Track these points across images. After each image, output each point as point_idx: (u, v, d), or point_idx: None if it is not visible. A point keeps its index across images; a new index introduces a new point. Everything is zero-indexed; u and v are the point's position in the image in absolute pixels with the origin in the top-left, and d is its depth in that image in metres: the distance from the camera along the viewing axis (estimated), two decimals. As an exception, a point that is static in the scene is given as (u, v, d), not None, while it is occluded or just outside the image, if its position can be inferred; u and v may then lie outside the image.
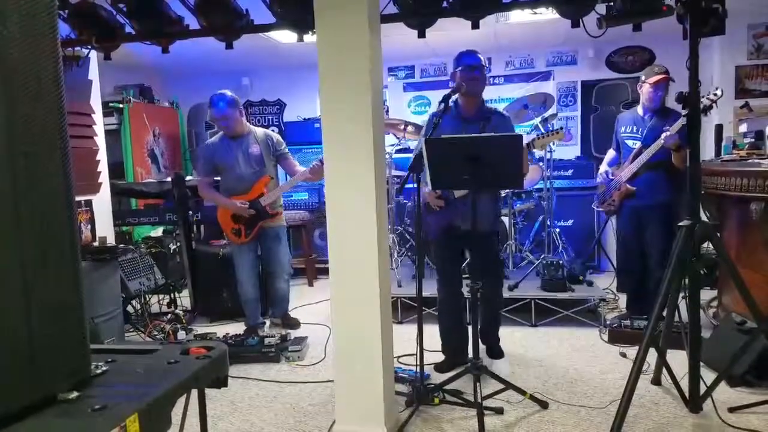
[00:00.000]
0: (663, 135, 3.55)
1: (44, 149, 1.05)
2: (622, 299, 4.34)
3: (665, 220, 3.79)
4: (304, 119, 6.71)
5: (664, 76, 3.75)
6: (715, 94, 3.42)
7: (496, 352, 3.53)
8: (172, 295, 4.75)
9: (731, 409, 2.67)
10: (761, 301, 2.68)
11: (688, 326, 2.62)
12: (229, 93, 3.94)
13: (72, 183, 1.11)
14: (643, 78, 3.86)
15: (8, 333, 0.96)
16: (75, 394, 1.06)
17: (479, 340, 2.81)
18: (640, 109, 3.93)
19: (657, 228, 3.80)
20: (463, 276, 3.51)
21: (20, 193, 0.99)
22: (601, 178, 4.14)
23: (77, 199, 4.28)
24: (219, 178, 4.13)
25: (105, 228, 4.66)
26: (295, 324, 4.33)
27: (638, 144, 3.83)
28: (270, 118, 7.17)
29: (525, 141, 3.23)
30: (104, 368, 1.19)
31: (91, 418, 0.97)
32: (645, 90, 3.82)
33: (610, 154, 4.21)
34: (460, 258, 3.49)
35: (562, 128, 3.31)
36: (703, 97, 3.38)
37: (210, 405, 2.93)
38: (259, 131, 4.12)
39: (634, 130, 3.91)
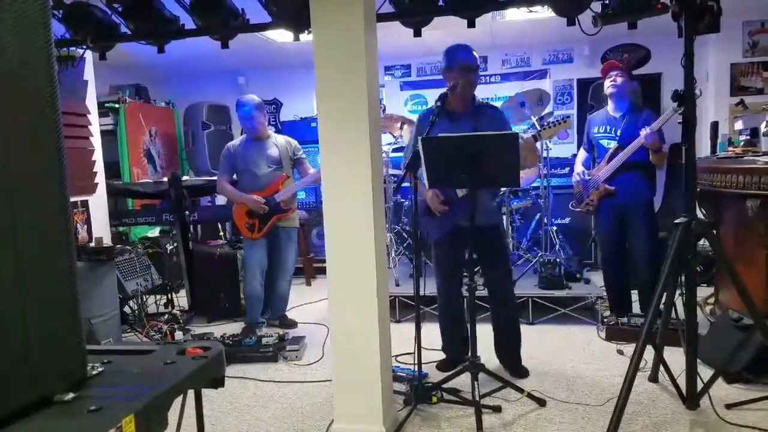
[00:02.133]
0: (642, 134, 3.56)
1: (38, 150, 1.05)
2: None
3: (646, 218, 3.83)
4: (301, 118, 6.71)
5: (611, 61, 3.85)
6: (695, 95, 3.43)
7: (520, 371, 3.25)
8: (169, 296, 4.74)
9: (728, 406, 2.68)
10: (758, 298, 2.69)
11: (685, 323, 2.63)
12: (255, 97, 4.20)
13: (67, 183, 1.11)
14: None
15: (3, 334, 0.96)
16: (71, 395, 1.05)
17: (477, 343, 2.78)
18: (611, 109, 3.94)
19: (639, 227, 3.81)
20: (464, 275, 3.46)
21: (14, 194, 0.98)
22: (577, 178, 4.11)
23: (73, 199, 4.30)
24: (236, 178, 4.28)
25: (101, 228, 4.65)
26: (292, 324, 4.34)
27: (613, 143, 3.84)
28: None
29: (530, 133, 3.18)
30: (100, 369, 1.19)
31: (86, 420, 0.97)
32: (605, 84, 3.90)
33: (582, 154, 4.20)
34: (463, 260, 3.41)
35: (568, 117, 3.25)
36: None
37: (208, 405, 2.92)
38: (280, 137, 4.31)
39: (608, 130, 3.91)
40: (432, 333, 3.54)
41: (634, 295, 4.08)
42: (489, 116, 3.11)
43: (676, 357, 2.94)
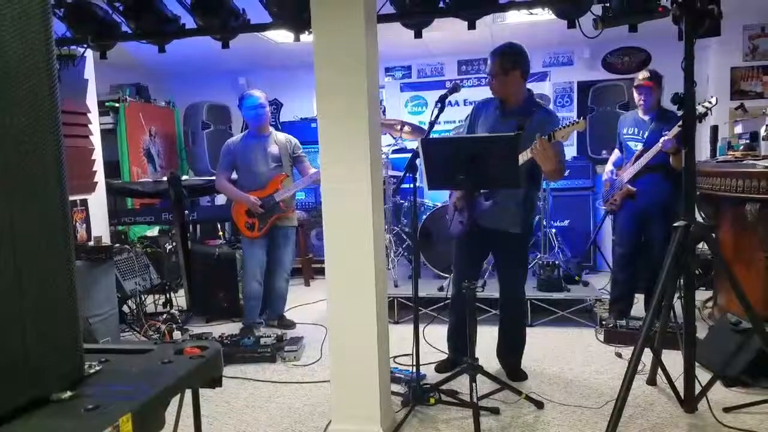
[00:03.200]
0: (662, 139, 3.59)
1: (38, 149, 1.05)
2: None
3: (665, 221, 3.83)
4: (301, 119, 6.71)
5: (644, 81, 3.85)
6: (710, 102, 3.47)
7: (518, 375, 3.26)
8: (167, 295, 4.74)
9: (726, 409, 2.68)
10: (756, 302, 2.69)
11: (683, 326, 2.63)
12: (262, 92, 4.19)
13: (66, 182, 1.11)
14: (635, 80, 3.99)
15: (1, 334, 0.95)
16: (68, 393, 1.05)
17: (475, 345, 2.78)
18: (640, 111, 3.98)
19: (657, 228, 3.85)
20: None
21: (13, 193, 0.98)
22: (606, 176, 4.21)
23: (72, 198, 4.29)
24: (235, 177, 4.27)
25: (100, 227, 4.65)
26: (290, 325, 4.33)
27: (639, 146, 3.88)
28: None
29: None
30: (98, 368, 1.19)
31: (83, 419, 0.96)
32: (635, 95, 3.95)
33: (616, 154, 4.25)
34: (480, 259, 3.40)
35: (583, 118, 3.13)
36: (698, 104, 3.42)
37: (205, 405, 2.92)
38: (280, 135, 4.29)
39: (635, 132, 3.96)
40: (431, 334, 3.54)
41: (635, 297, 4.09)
42: (539, 118, 3.04)
43: (674, 360, 2.94)
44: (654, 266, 3.85)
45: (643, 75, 3.89)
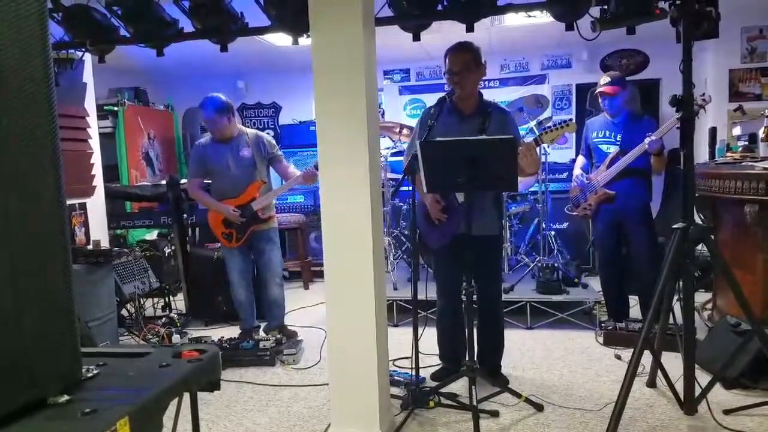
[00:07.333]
0: (647, 140, 3.57)
1: (34, 152, 1.05)
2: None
3: (645, 224, 3.84)
4: (300, 122, 6.72)
5: (605, 88, 3.78)
6: (704, 100, 3.46)
7: (497, 379, 3.18)
8: (166, 299, 4.74)
9: (726, 411, 2.68)
10: (755, 303, 2.69)
11: (683, 328, 2.62)
12: (221, 97, 3.84)
13: (63, 185, 1.10)
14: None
15: (-3, 336, 0.95)
16: (65, 397, 1.05)
17: (474, 347, 2.77)
18: (609, 114, 3.91)
19: (638, 232, 3.83)
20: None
21: (9, 196, 0.98)
22: (576, 181, 4.07)
23: (71, 202, 4.29)
24: (209, 181, 4.03)
25: (99, 231, 4.65)
26: (292, 335, 4.12)
27: (612, 148, 3.83)
28: (265, 120, 7.19)
29: (531, 138, 3.06)
30: (95, 371, 1.18)
31: (81, 422, 0.96)
32: (598, 99, 3.88)
33: (581, 160, 4.16)
34: (461, 267, 3.34)
35: (572, 119, 3.07)
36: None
37: (205, 409, 2.92)
38: (251, 133, 3.95)
39: (607, 135, 3.90)
40: (430, 338, 3.53)
41: (632, 300, 4.09)
42: (496, 117, 2.99)
43: (674, 362, 2.94)
44: (640, 268, 3.85)
45: (604, 80, 3.82)
